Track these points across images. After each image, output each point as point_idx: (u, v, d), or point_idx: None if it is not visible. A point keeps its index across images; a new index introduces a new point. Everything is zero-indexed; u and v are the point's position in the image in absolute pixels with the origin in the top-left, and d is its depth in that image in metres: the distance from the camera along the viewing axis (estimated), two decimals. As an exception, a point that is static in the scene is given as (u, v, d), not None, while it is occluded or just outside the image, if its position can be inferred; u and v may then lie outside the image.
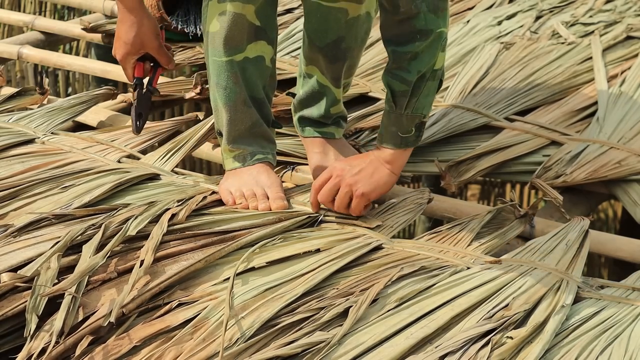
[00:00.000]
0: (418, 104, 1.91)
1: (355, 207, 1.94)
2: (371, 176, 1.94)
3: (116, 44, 2.17)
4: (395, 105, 1.92)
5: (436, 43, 1.87)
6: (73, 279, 1.58)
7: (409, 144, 1.95)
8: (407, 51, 1.87)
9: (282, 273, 1.73)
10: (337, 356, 1.53)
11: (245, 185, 1.99)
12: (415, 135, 1.95)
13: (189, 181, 2.08)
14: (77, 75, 4.67)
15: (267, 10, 2.02)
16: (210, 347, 1.53)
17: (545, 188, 2.19)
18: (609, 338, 1.65)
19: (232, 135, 2.05)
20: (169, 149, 2.22)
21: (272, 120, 2.11)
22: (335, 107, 2.19)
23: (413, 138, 1.95)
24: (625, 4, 3.36)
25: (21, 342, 1.57)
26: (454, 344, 1.55)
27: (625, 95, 2.62)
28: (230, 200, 1.97)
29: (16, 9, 4.77)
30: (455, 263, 1.82)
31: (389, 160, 1.94)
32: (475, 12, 3.31)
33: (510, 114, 2.57)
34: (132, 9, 2.11)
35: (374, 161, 1.95)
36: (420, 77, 1.89)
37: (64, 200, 1.94)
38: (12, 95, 2.52)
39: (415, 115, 1.92)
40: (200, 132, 2.27)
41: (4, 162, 2.11)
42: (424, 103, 1.92)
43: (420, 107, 1.92)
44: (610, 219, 4.61)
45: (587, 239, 1.91)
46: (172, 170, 2.16)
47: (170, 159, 2.20)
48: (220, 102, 2.04)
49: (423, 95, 1.91)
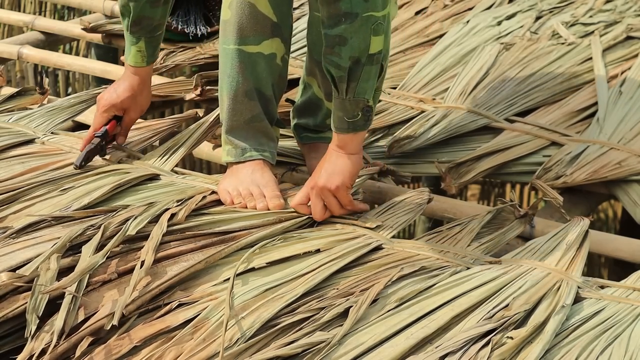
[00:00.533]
0: (359, 89, 1.88)
1: (343, 201, 1.94)
2: (335, 169, 1.93)
3: (109, 90, 2.17)
4: (337, 90, 1.90)
5: (365, 27, 1.84)
6: (73, 277, 1.59)
7: (357, 128, 1.93)
8: (335, 34, 1.85)
9: (282, 273, 1.73)
10: (337, 356, 1.53)
11: (242, 184, 2.00)
12: (364, 119, 1.92)
13: (188, 181, 2.08)
14: (77, 75, 4.67)
15: (283, 7, 2.03)
16: (210, 347, 1.53)
17: (545, 189, 2.19)
18: (609, 338, 1.65)
19: (229, 124, 2.07)
20: (168, 148, 2.22)
21: (276, 119, 2.11)
22: (330, 118, 2.19)
23: (361, 122, 1.92)
24: (625, 4, 3.36)
25: (21, 343, 1.57)
26: (454, 344, 1.55)
27: (626, 95, 2.62)
28: (229, 200, 1.98)
29: (16, 9, 4.77)
30: (455, 263, 1.82)
31: (342, 146, 1.94)
32: (475, 12, 3.31)
33: (510, 115, 2.57)
34: (145, 80, 2.16)
35: (331, 154, 1.95)
36: (355, 62, 1.86)
37: (63, 202, 1.94)
38: (12, 95, 2.52)
39: (358, 100, 1.89)
40: (199, 130, 2.26)
41: (4, 163, 2.11)
42: (365, 88, 1.89)
43: (362, 92, 1.89)
44: (610, 219, 4.61)
45: (587, 239, 1.91)
46: (172, 170, 2.16)
47: (170, 159, 2.20)
48: (224, 90, 2.06)
49: (363, 80, 1.88)
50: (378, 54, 1.87)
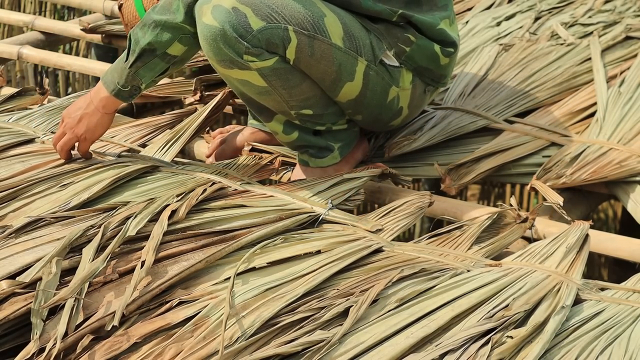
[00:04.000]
0: (141, 71, 2.07)
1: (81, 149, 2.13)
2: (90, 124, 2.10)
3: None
4: (127, 57, 2.08)
5: (176, 31, 2.04)
6: (74, 286, 1.58)
7: (120, 97, 2.10)
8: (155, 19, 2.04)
9: (282, 273, 1.73)
10: (337, 355, 1.53)
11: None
12: (129, 93, 2.10)
13: (189, 171, 2.08)
14: (77, 75, 4.67)
15: None
16: (210, 345, 1.53)
17: (545, 191, 2.18)
18: (609, 339, 1.65)
19: None
20: (167, 140, 2.22)
21: None
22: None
23: (126, 95, 2.10)
24: (625, 4, 3.36)
25: (21, 342, 1.57)
26: (454, 343, 1.56)
27: (625, 95, 2.62)
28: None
29: (16, 9, 4.77)
30: (455, 266, 1.82)
31: (104, 105, 2.11)
32: (474, 12, 3.31)
33: (509, 116, 2.57)
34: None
35: (90, 105, 2.12)
36: (152, 49, 2.05)
37: (63, 198, 1.94)
38: (12, 95, 2.53)
39: (135, 78, 2.08)
40: (198, 120, 2.27)
41: (4, 162, 2.12)
42: (145, 73, 2.08)
43: (142, 75, 2.08)
44: (610, 219, 4.60)
45: (587, 243, 1.91)
46: (172, 160, 2.16)
47: (170, 150, 2.20)
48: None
49: (147, 67, 2.07)
50: (173, 57, 2.07)
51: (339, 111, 2.17)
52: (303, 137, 2.16)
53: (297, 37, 1.99)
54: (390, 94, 2.18)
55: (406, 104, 2.23)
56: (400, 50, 2.16)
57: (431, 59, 2.21)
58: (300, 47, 2.00)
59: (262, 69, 1.99)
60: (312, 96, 2.09)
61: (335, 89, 2.10)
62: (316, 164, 2.18)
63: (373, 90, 2.14)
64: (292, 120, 2.13)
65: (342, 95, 2.11)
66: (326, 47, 2.04)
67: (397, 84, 2.17)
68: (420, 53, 2.19)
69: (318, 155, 2.18)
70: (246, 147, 2.31)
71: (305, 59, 2.02)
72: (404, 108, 2.24)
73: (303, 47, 2.00)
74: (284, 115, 2.12)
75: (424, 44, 2.18)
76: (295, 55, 2.00)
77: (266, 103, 2.10)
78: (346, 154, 2.22)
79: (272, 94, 2.05)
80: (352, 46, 2.08)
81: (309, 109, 2.10)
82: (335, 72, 2.07)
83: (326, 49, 2.04)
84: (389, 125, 2.29)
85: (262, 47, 1.96)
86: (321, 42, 2.03)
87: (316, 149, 2.18)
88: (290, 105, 2.08)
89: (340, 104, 2.15)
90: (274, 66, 2.00)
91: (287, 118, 2.13)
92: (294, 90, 2.05)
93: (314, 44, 2.02)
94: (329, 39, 2.04)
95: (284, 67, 2.01)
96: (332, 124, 2.17)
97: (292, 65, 2.02)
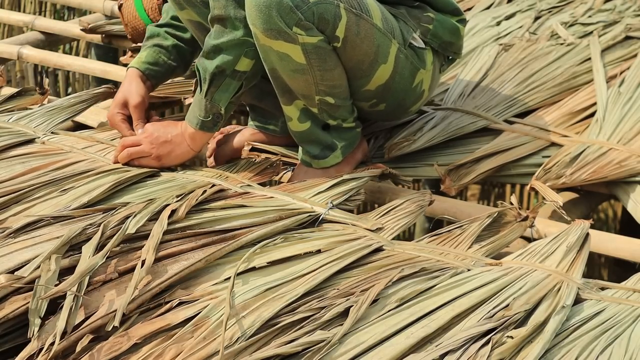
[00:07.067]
0: (216, 96, 2.10)
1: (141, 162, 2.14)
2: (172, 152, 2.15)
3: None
4: (200, 88, 2.11)
5: (240, 47, 2.07)
6: (73, 279, 1.58)
7: (205, 128, 2.13)
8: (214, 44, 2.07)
9: (283, 273, 1.73)
10: (337, 355, 1.53)
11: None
12: (212, 122, 2.13)
13: (189, 175, 2.08)
14: (77, 75, 4.68)
15: None
16: (210, 346, 1.53)
17: (545, 191, 2.18)
18: (609, 338, 1.65)
19: None
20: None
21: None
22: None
23: (210, 125, 2.14)
24: (624, 4, 3.36)
25: (21, 341, 1.57)
26: (455, 343, 1.56)
27: (625, 95, 2.62)
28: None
29: (16, 9, 4.77)
30: (455, 265, 1.82)
31: (192, 138, 2.15)
32: (474, 12, 3.31)
33: (509, 116, 2.57)
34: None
35: (179, 136, 2.16)
36: (221, 71, 2.07)
37: (63, 202, 1.93)
38: (12, 95, 2.52)
39: (213, 105, 2.11)
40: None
41: (5, 163, 2.11)
42: (221, 97, 2.10)
43: (218, 100, 2.10)
44: (610, 219, 4.61)
45: (587, 242, 1.91)
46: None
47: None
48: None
49: (221, 90, 2.09)
50: (242, 72, 2.10)
51: (352, 108, 2.19)
52: (312, 130, 2.17)
53: (347, 15, 2.02)
54: (417, 78, 2.22)
55: (427, 85, 2.27)
56: (424, 29, 2.22)
57: (452, 31, 2.27)
58: (349, 25, 2.03)
59: (306, 45, 2.00)
60: (339, 85, 2.10)
61: (371, 72, 2.12)
62: (319, 164, 2.19)
63: (401, 74, 2.18)
64: (311, 108, 2.13)
65: (374, 80, 2.14)
66: (369, 27, 2.07)
67: (424, 66, 2.22)
68: (443, 28, 2.25)
69: (320, 155, 2.18)
70: (246, 147, 2.31)
71: (352, 37, 2.04)
72: (425, 91, 2.28)
73: (351, 26, 2.03)
74: (305, 100, 2.12)
75: (442, 18, 2.25)
76: (344, 34, 2.02)
77: (295, 83, 2.09)
78: (348, 154, 2.22)
79: (306, 73, 2.05)
80: (388, 28, 2.12)
81: (333, 97, 2.11)
82: (374, 54, 2.10)
83: (369, 29, 2.07)
84: (408, 111, 2.33)
85: (314, 21, 1.98)
86: (366, 21, 2.06)
87: (319, 148, 2.18)
88: (319, 89, 2.09)
89: (368, 94, 2.17)
90: (317, 44, 2.01)
91: (305, 105, 2.13)
92: (327, 74, 2.06)
93: (360, 22, 2.04)
94: (372, 19, 2.07)
95: (325, 48, 2.03)
96: (343, 121, 2.18)
97: (339, 45, 2.04)
